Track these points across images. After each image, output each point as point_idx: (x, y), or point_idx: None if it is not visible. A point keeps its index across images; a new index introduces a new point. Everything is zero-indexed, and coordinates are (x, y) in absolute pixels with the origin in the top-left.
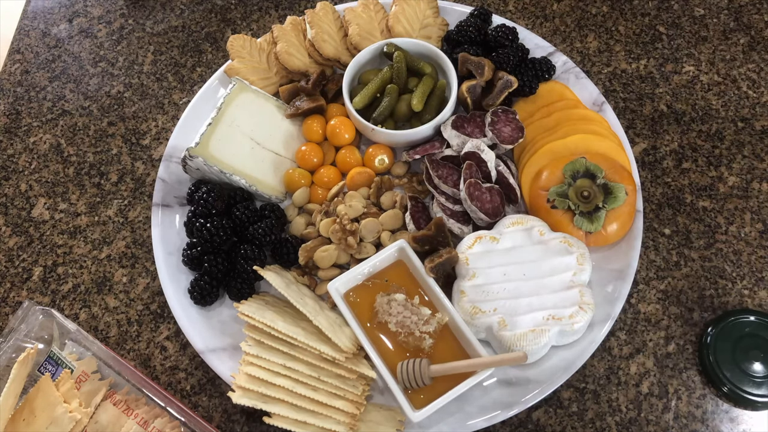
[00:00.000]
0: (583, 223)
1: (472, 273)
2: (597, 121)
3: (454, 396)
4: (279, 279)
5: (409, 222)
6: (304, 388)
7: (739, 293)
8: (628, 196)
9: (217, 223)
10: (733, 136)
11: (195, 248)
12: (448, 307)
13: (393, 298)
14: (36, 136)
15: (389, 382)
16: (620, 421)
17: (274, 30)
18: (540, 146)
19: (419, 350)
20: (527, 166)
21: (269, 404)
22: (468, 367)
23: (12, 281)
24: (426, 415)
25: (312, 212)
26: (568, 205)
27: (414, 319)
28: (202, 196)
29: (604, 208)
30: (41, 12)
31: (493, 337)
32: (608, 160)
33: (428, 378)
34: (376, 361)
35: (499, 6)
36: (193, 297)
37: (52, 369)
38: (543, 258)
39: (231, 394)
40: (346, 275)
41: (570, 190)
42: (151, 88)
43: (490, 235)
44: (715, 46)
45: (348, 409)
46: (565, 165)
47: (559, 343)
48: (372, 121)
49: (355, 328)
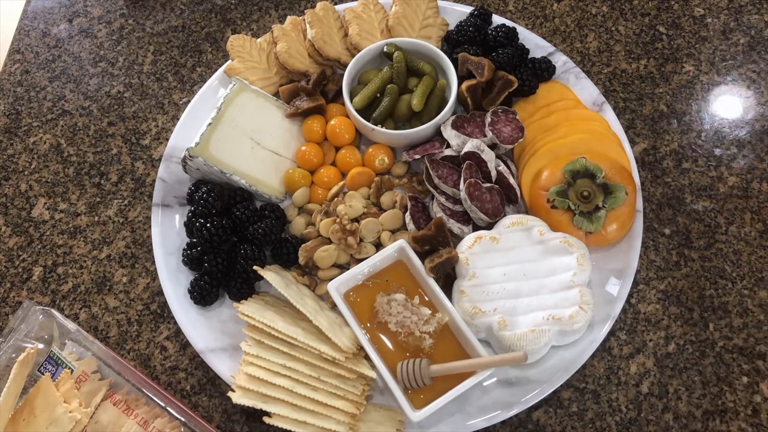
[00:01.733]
0: (583, 223)
1: (472, 273)
2: (597, 121)
3: (454, 396)
4: (279, 279)
5: (409, 222)
6: (304, 388)
7: (739, 293)
8: (628, 196)
9: (217, 223)
10: (733, 136)
11: (195, 248)
12: (448, 307)
13: (393, 298)
14: (36, 136)
15: (389, 382)
16: (620, 421)
17: (274, 30)
18: (540, 146)
19: (419, 350)
20: (527, 166)
21: (269, 404)
22: (468, 367)
23: (12, 281)
24: (426, 415)
25: (312, 212)
26: (568, 205)
27: (414, 319)
28: (202, 196)
29: (604, 208)
30: (41, 12)
31: (493, 337)
32: (608, 160)
33: (428, 378)
34: (376, 361)
35: (499, 6)
36: (193, 297)
37: (52, 369)
38: (543, 258)
39: (231, 394)
40: (346, 275)
41: (570, 190)
42: (151, 88)
43: (490, 235)
44: (715, 46)
45: (348, 409)
46: (565, 165)
47: (559, 343)
48: (372, 121)
49: (355, 328)
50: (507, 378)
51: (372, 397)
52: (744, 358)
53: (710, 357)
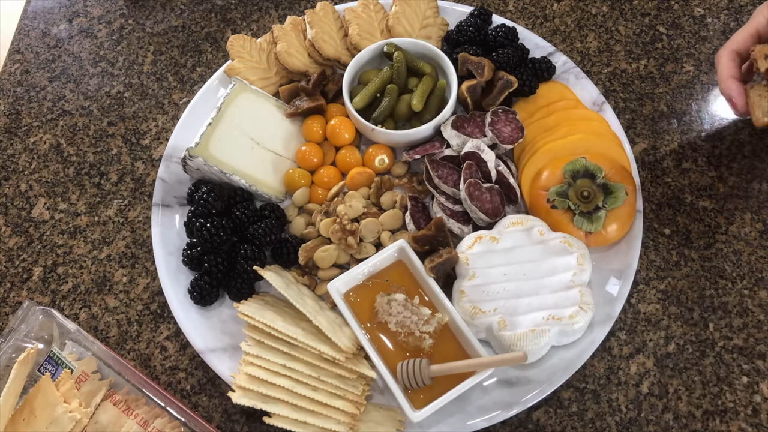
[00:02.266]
0: (583, 223)
1: (472, 273)
2: (597, 121)
3: (454, 396)
4: (279, 279)
5: (409, 222)
6: (304, 388)
7: (739, 293)
8: (628, 196)
9: (217, 223)
10: (733, 136)
11: (195, 248)
12: (448, 307)
13: (393, 298)
14: (36, 136)
15: (389, 382)
16: (620, 421)
17: (274, 30)
18: (540, 146)
19: (419, 350)
20: (527, 166)
21: (269, 404)
22: (468, 367)
23: (12, 281)
24: (426, 415)
25: (312, 212)
26: (568, 205)
27: (414, 319)
28: (202, 196)
29: (604, 208)
30: (41, 12)
31: (493, 337)
32: (608, 160)
33: (428, 378)
34: (376, 361)
35: (499, 6)
36: (193, 297)
37: (52, 369)
38: (543, 258)
39: (231, 394)
40: (346, 275)
41: (570, 190)
42: (151, 88)
43: (490, 235)
44: (715, 46)
45: (348, 409)
46: (565, 165)
47: (560, 343)
48: (372, 121)
49: (355, 327)
50: (507, 378)
51: (372, 397)
52: (744, 358)
53: (710, 357)
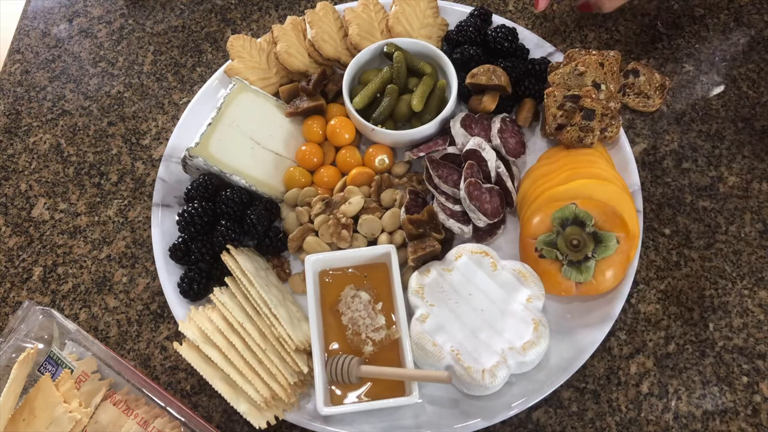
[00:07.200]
0: (572, 273)
1: (426, 307)
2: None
3: (369, 408)
4: (249, 263)
5: (402, 212)
6: (248, 352)
7: (739, 293)
8: (621, 244)
9: (198, 206)
10: (733, 136)
11: (180, 239)
12: (402, 328)
13: (358, 295)
14: (36, 136)
15: (317, 370)
16: (620, 421)
17: (274, 30)
18: (540, 192)
19: (359, 353)
20: (529, 214)
21: (209, 349)
22: (393, 376)
23: (12, 281)
24: (334, 412)
25: (310, 204)
26: (556, 255)
27: (367, 322)
28: (194, 186)
29: (593, 257)
30: (41, 12)
31: (451, 369)
32: (600, 207)
33: (355, 377)
34: (315, 345)
35: (499, 6)
36: (182, 289)
37: (52, 369)
38: (496, 289)
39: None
40: (327, 254)
41: (559, 239)
42: (151, 88)
43: (442, 267)
44: (715, 46)
45: (274, 387)
46: (554, 212)
47: (518, 371)
48: (372, 121)
49: (312, 306)
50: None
51: (304, 398)
52: (744, 358)
53: (710, 357)
